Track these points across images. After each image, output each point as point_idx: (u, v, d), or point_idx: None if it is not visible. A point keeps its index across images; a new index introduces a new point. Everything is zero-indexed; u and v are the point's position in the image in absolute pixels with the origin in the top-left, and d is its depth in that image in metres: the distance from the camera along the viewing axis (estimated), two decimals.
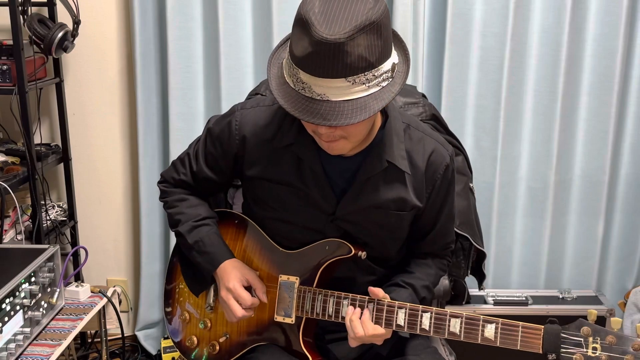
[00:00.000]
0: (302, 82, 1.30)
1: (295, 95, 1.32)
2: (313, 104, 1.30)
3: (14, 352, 1.82)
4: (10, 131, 2.64)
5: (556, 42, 2.49)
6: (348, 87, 1.28)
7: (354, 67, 1.27)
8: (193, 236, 1.64)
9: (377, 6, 1.28)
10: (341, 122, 1.28)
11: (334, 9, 1.27)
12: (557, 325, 1.36)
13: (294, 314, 1.58)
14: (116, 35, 2.63)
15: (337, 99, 1.29)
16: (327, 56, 1.25)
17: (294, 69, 1.31)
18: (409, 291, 1.57)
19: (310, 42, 1.25)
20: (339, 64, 1.26)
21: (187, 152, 1.71)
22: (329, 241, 1.56)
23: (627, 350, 1.30)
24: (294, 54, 1.30)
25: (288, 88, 1.34)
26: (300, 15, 1.29)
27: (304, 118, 1.31)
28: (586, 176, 2.64)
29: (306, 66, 1.28)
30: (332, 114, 1.29)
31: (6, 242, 2.33)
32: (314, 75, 1.28)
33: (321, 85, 1.28)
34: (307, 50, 1.26)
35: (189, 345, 1.71)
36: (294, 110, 1.31)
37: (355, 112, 1.29)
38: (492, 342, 1.39)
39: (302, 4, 1.31)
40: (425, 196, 1.57)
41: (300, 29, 1.29)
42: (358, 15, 1.26)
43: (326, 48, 1.24)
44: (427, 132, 1.59)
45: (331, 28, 1.24)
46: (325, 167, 1.53)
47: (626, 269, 2.75)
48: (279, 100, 1.33)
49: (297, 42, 1.29)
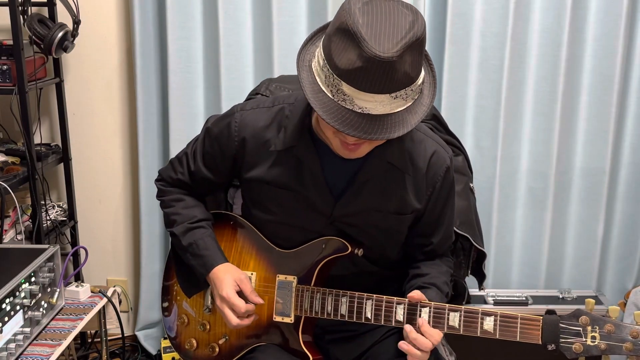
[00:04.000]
0: (344, 93, 1.28)
1: (334, 106, 1.30)
2: (353, 117, 1.29)
3: (14, 352, 1.82)
4: (10, 131, 2.64)
5: (556, 42, 2.48)
6: (390, 101, 1.28)
7: (400, 83, 1.27)
8: (187, 238, 1.64)
9: (420, 21, 1.28)
10: (382, 136, 1.29)
11: (378, 21, 1.26)
12: (555, 315, 1.36)
13: (293, 313, 1.58)
14: (116, 36, 2.63)
15: (378, 113, 1.29)
16: (377, 73, 1.24)
17: (335, 79, 1.28)
18: (434, 290, 1.56)
19: (360, 56, 1.24)
20: (387, 80, 1.25)
21: (185, 151, 1.70)
22: (325, 239, 1.56)
23: (625, 338, 1.31)
24: (336, 65, 1.27)
25: (325, 97, 1.31)
26: (345, 25, 1.26)
27: (345, 131, 1.29)
28: (586, 176, 2.64)
29: (352, 80, 1.26)
30: (373, 128, 1.29)
31: (6, 242, 2.33)
32: (359, 89, 1.26)
33: (364, 99, 1.27)
34: (355, 65, 1.25)
35: (188, 348, 1.71)
36: (334, 121, 1.29)
37: (394, 127, 1.30)
38: (491, 335, 1.40)
39: (344, 13, 1.28)
40: (425, 198, 1.57)
41: (345, 40, 1.26)
42: (403, 30, 1.25)
43: (377, 65, 1.23)
44: (428, 134, 1.59)
45: (381, 44, 1.23)
46: (325, 170, 1.53)
47: (626, 269, 2.75)
48: (317, 110, 1.30)
49: (342, 53, 1.27)
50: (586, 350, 1.33)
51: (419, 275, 1.60)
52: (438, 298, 1.53)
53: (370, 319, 1.50)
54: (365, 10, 1.27)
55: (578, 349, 1.34)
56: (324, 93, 1.31)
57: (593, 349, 1.33)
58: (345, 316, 1.53)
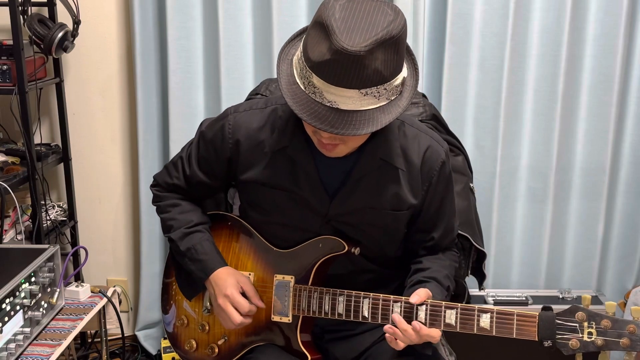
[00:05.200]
0: (314, 86, 1.29)
1: (304, 98, 1.31)
2: (322, 110, 1.29)
3: (14, 352, 1.82)
4: (10, 131, 2.64)
5: (556, 42, 2.48)
6: (359, 98, 1.29)
7: (369, 80, 1.27)
8: (185, 243, 1.64)
9: (398, 20, 1.28)
10: (348, 132, 1.29)
11: (355, 17, 1.27)
12: (551, 311, 1.36)
13: (291, 313, 1.58)
14: (116, 35, 2.63)
15: (347, 108, 1.29)
16: (345, 66, 1.25)
17: (307, 71, 1.30)
18: (434, 284, 1.55)
19: (329, 49, 1.25)
20: (355, 75, 1.26)
21: (180, 155, 1.70)
22: (322, 239, 1.56)
23: (622, 333, 1.31)
24: (309, 57, 1.29)
25: (298, 89, 1.33)
26: (321, 19, 1.28)
27: (311, 123, 1.30)
28: (586, 176, 2.63)
29: (321, 72, 1.27)
30: (340, 123, 1.29)
31: (6, 242, 2.33)
32: (327, 82, 1.27)
33: (333, 93, 1.28)
34: (324, 57, 1.25)
35: (188, 349, 1.71)
36: (303, 113, 1.30)
37: (362, 124, 1.30)
38: (488, 332, 1.40)
39: (323, 7, 1.29)
40: (421, 193, 1.57)
41: (319, 33, 1.28)
42: (378, 27, 1.26)
43: (345, 58, 1.24)
44: (422, 129, 1.59)
45: (352, 38, 1.24)
46: (319, 169, 1.53)
47: (626, 269, 2.75)
48: (288, 101, 1.32)
49: (314, 46, 1.28)
50: (583, 346, 1.33)
51: (420, 270, 1.60)
52: (438, 291, 1.53)
53: (368, 317, 1.50)
54: (345, 6, 1.28)
55: (575, 345, 1.33)
56: (297, 85, 1.33)
57: (590, 345, 1.33)
58: (343, 315, 1.53)
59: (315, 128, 1.32)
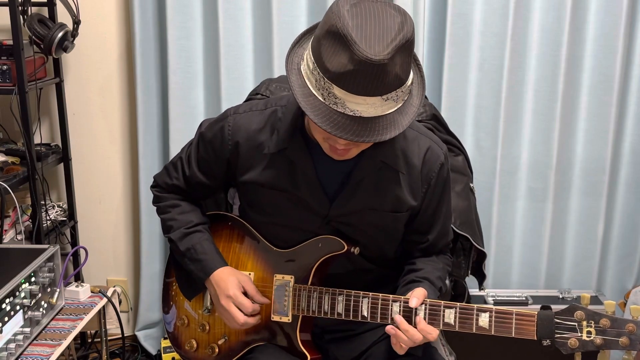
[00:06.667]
0: (335, 97, 1.28)
1: (325, 110, 1.29)
2: (344, 120, 1.28)
3: (14, 352, 1.82)
4: (10, 131, 2.64)
5: (556, 42, 2.49)
6: (381, 104, 1.29)
7: (391, 85, 1.27)
8: (185, 243, 1.64)
9: (408, 22, 1.28)
10: (374, 138, 1.29)
11: (367, 23, 1.26)
12: (550, 310, 1.36)
13: (291, 312, 1.58)
14: (116, 35, 2.63)
15: (369, 116, 1.29)
16: (368, 76, 1.24)
17: (326, 83, 1.28)
18: (426, 284, 1.55)
19: (351, 59, 1.23)
20: (379, 83, 1.25)
21: (180, 156, 1.70)
22: (321, 238, 1.56)
23: (622, 332, 1.31)
24: (327, 68, 1.27)
25: (316, 101, 1.30)
26: (335, 28, 1.25)
27: (336, 134, 1.28)
28: (586, 176, 2.64)
29: (343, 83, 1.26)
30: (365, 131, 1.29)
31: (6, 242, 2.33)
32: (350, 92, 1.26)
33: (356, 102, 1.27)
34: (346, 68, 1.24)
35: (188, 349, 1.72)
36: (326, 125, 1.28)
37: (385, 129, 1.30)
38: (486, 331, 1.40)
39: (331, 15, 1.27)
40: (421, 195, 1.57)
41: (334, 43, 1.26)
42: (392, 32, 1.25)
43: (368, 68, 1.23)
44: (421, 131, 1.59)
45: (372, 47, 1.23)
46: (318, 170, 1.53)
47: (626, 269, 2.75)
48: (309, 114, 1.29)
49: (332, 56, 1.26)
50: (582, 345, 1.33)
51: (413, 270, 1.60)
52: (431, 292, 1.52)
53: (367, 317, 1.50)
54: (354, 12, 1.27)
55: (573, 344, 1.33)
56: (315, 96, 1.30)
57: (589, 344, 1.32)
58: (342, 315, 1.53)
59: (342, 139, 1.30)
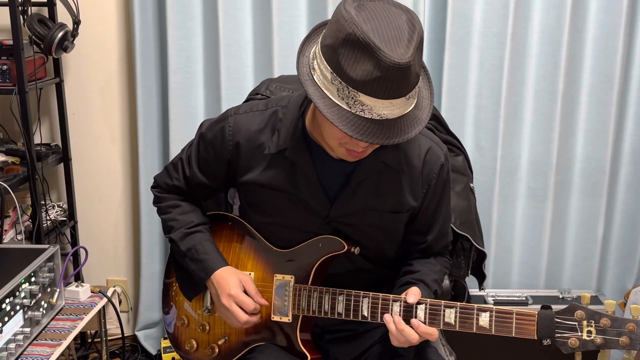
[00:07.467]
0: (363, 104, 1.27)
1: (352, 118, 1.28)
2: (373, 125, 1.28)
3: (14, 352, 1.82)
4: (10, 131, 2.64)
5: (556, 42, 2.49)
6: (404, 103, 1.30)
7: (413, 84, 1.29)
8: (186, 243, 1.64)
9: (415, 18, 1.29)
10: (403, 137, 1.30)
11: (381, 26, 1.25)
12: (550, 310, 1.36)
13: (291, 312, 1.58)
14: (116, 35, 2.63)
15: (395, 117, 1.30)
16: (396, 79, 1.25)
17: (352, 91, 1.27)
18: (422, 285, 1.56)
19: (377, 66, 1.23)
20: (405, 84, 1.27)
21: (180, 156, 1.70)
22: (321, 238, 1.56)
23: (622, 331, 1.30)
24: (350, 77, 1.26)
25: (341, 110, 1.29)
26: (355, 37, 1.23)
27: (370, 140, 1.28)
28: (586, 176, 2.64)
29: (371, 90, 1.25)
30: (393, 132, 1.30)
31: (6, 242, 2.33)
32: (379, 98, 1.26)
33: (384, 106, 1.28)
34: (373, 75, 1.24)
35: (188, 349, 1.72)
36: (357, 134, 1.28)
37: (408, 127, 1.31)
38: (487, 331, 1.40)
39: (345, 23, 1.25)
40: (421, 196, 1.57)
41: (356, 51, 1.24)
42: (404, 31, 1.26)
43: (396, 72, 1.24)
44: (422, 131, 1.59)
45: (394, 50, 1.23)
46: (318, 171, 1.53)
47: (626, 269, 2.75)
48: (338, 125, 1.28)
49: (355, 64, 1.25)
50: (582, 345, 1.33)
51: (410, 272, 1.61)
52: (425, 294, 1.52)
53: (367, 317, 1.50)
54: (363, 16, 1.26)
55: (574, 344, 1.33)
56: (339, 106, 1.29)
57: (589, 344, 1.32)
58: (342, 314, 1.53)
59: (375, 144, 1.31)
